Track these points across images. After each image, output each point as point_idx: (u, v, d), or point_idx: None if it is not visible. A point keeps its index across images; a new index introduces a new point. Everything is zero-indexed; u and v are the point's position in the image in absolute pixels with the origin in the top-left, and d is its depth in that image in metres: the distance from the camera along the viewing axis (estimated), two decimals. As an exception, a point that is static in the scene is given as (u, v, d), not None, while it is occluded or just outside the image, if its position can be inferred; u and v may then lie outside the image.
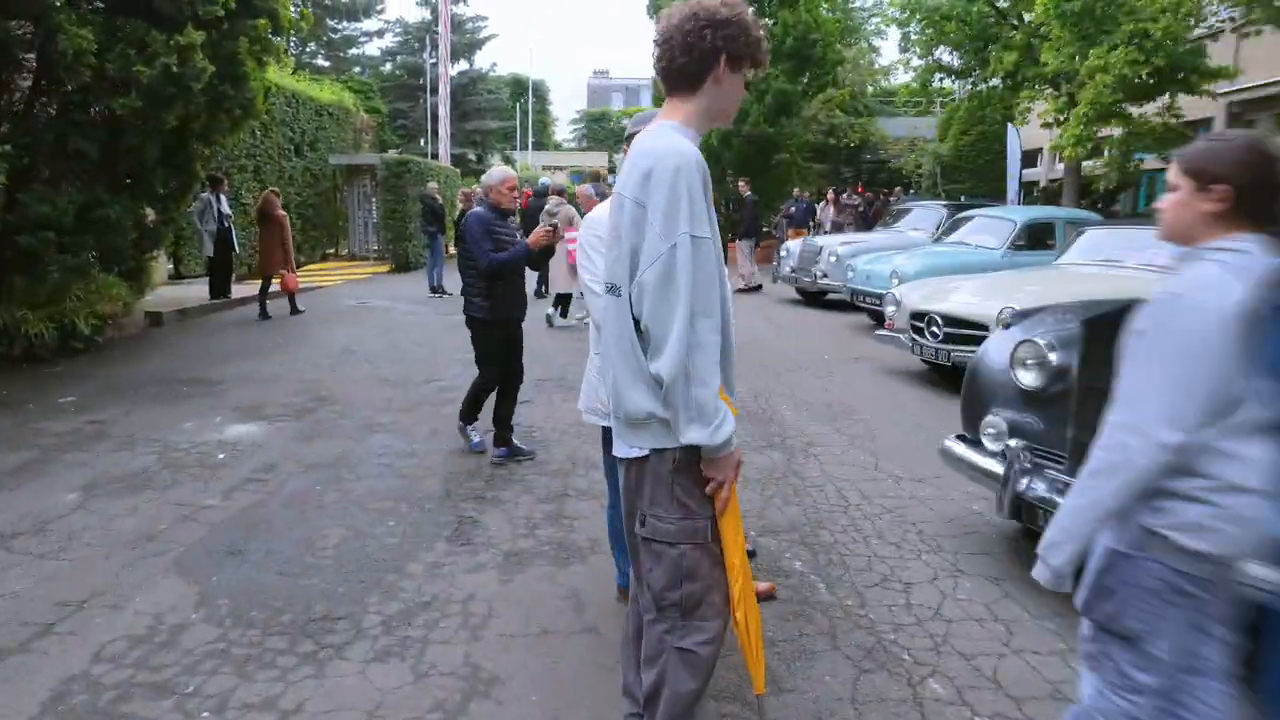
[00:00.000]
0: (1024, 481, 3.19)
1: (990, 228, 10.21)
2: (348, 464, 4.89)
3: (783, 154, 20.25)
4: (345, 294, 13.70)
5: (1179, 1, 11.60)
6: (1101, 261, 7.30)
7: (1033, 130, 19.41)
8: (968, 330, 6.59)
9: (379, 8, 38.45)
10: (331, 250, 19.81)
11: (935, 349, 6.79)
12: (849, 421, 5.91)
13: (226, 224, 11.53)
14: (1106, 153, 14.65)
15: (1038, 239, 9.98)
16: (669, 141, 1.79)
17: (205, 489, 4.43)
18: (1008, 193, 18.86)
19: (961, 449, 3.62)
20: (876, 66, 26.23)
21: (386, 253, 18.51)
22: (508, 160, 38.64)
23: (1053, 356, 3.32)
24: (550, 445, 5.31)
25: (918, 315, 7.12)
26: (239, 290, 12.31)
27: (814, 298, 12.80)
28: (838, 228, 18.24)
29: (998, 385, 3.58)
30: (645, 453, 1.86)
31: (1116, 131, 13.90)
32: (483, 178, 4.99)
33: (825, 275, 11.95)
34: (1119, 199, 18.82)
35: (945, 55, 17.64)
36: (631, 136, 2.66)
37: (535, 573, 3.48)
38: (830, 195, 20.61)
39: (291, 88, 16.98)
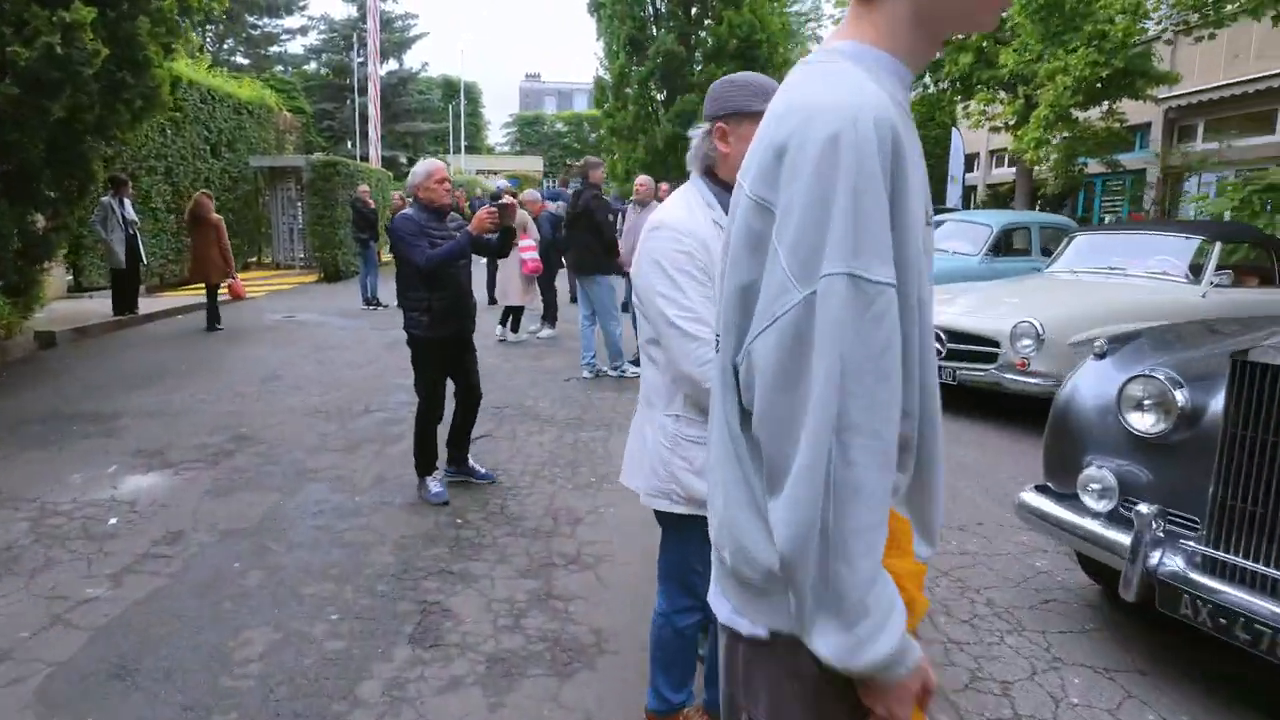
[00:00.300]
0: (1155, 555, 2.53)
1: (965, 233, 9.75)
2: (275, 528, 3.97)
3: (729, 157, 19.80)
4: (269, 307, 12.50)
5: (1138, 3, 11.46)
6: (1102, 269, 6.86)
7: (969, 135, 19.34)
8: (974, 346, 6.01)
9: (302, 4, 36.80)
10: (254, 259, 18.40)
11: (939, 367, 6.17)
12: (857, 453, 5.23)
13: (132, 230, 10.28)
14: (1050, 157, 14.60)
15: (1010, 244, 9.59)
16: (831, 87, 0.96)
17: (89, 571, 3.47)
18: (948, 197, 18.75)
19: (1054, 507, 2.95)
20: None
21: (314, 261, 17.25)
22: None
23: (1178, 395, 2.68)
24: (520, 494, 4.48)
25: (914, 329, 6.50)
26: (146, 305, 11.07)
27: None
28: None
29: (1097, 429, 2.91)
30: (763, 634, 1.06)
31: (1058, 137, 13.86)
32: (408, 178, 4.30)
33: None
34: (1066, 203, 18.92)
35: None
36: (717, 118, 1.87)
37: (531, 689, 2.65)
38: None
39: (206, 83, 15.63)
